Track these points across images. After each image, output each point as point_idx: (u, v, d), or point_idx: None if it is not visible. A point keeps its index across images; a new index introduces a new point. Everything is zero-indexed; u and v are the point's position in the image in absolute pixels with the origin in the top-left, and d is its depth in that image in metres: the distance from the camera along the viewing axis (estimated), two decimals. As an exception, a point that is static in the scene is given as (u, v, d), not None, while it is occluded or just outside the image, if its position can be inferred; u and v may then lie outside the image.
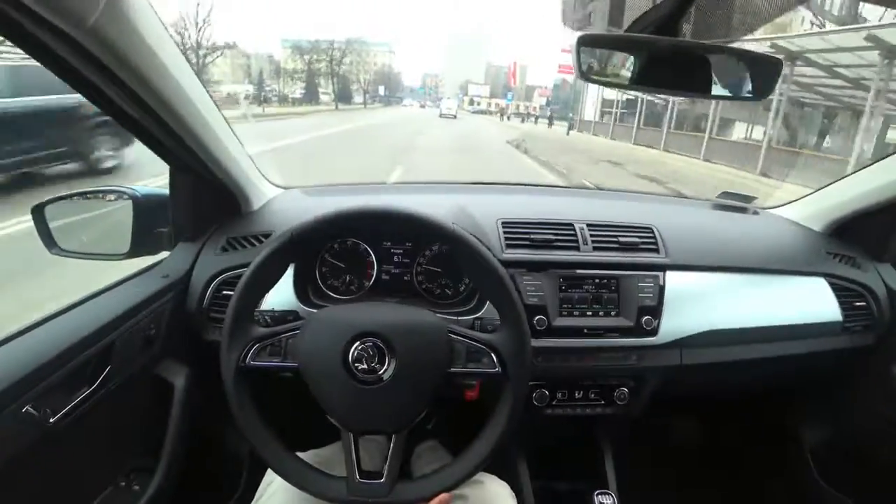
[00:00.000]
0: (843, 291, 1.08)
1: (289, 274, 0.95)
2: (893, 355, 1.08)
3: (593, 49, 0.63)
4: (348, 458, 0.67)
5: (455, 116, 41.01)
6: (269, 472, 0.84)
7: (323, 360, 0.65)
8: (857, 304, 1.09)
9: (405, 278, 1.02)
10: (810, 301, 1.07)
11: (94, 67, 0.62)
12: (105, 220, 1.09)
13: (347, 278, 1.02)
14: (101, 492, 0.85)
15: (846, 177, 1.17)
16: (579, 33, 0.61)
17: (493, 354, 0.68)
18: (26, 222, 1.05)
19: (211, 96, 0.87)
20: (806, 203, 1.25)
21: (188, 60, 0.78)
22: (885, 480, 1.09)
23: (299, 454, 0.84)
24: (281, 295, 0.93)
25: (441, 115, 40.31)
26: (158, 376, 0.92)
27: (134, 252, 1.00)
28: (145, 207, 0.98)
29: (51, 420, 0.69)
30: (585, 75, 0.62)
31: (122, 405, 0.86)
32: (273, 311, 0.90)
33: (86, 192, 1.06)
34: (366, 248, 1.01)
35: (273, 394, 0.78)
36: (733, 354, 1.02)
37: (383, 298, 0.98)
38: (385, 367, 0.65)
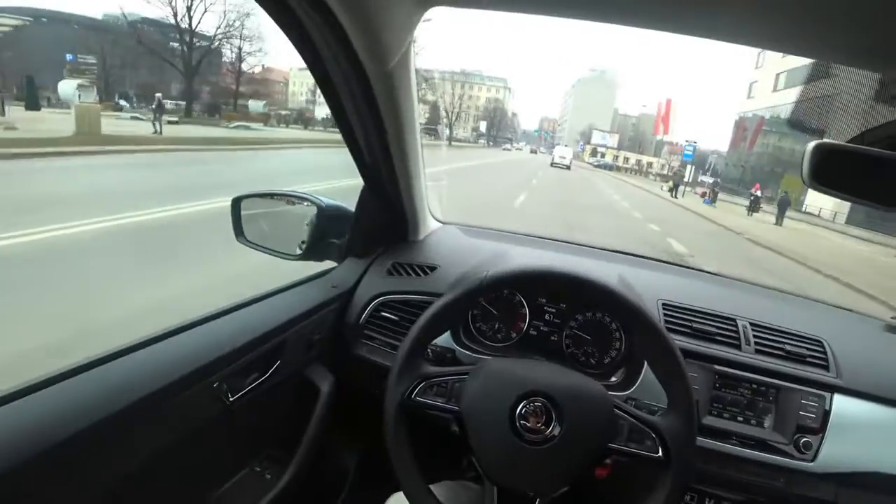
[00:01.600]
0: None
1: None
2: None
3: (827, 157, 0.62)
4: None
5: (569, 167, 36.20)
6: (392, 498, 0.86)
7: (489, 412, 0.66)
8: None
9: (553, 338, 1.01)
10: None
11: (362, 94, 0.72)
12: (284, 221, 1.24)
13: (497, 326, 1.02)
14: (240, 471, 0.93)
15: None
16: (815, 140, 0.61)
17: (656, 438, 0.66)
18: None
19: (420, 131, 0.98)
20: None
21: None
22: None
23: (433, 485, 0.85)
24: None
25: (553, 164, 36.06)
26: (308, 378, 1.00)
27: (306, 255, 1.11)
28: (327, 217, 1.09)
29: (230, 398, 0.78)
30: (814, 182, 0.62)
31: (277, 398, 0.94)
32: (436, 346, 0.94)
33: (279, 194, 1.21)
34: (521, 300, 1.01)
35: (421, 425, 0.81)
36: None
37: (529, 354, 0.98)
38: (550, 429, 0.64)
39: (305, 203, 1.14)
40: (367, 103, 0.76)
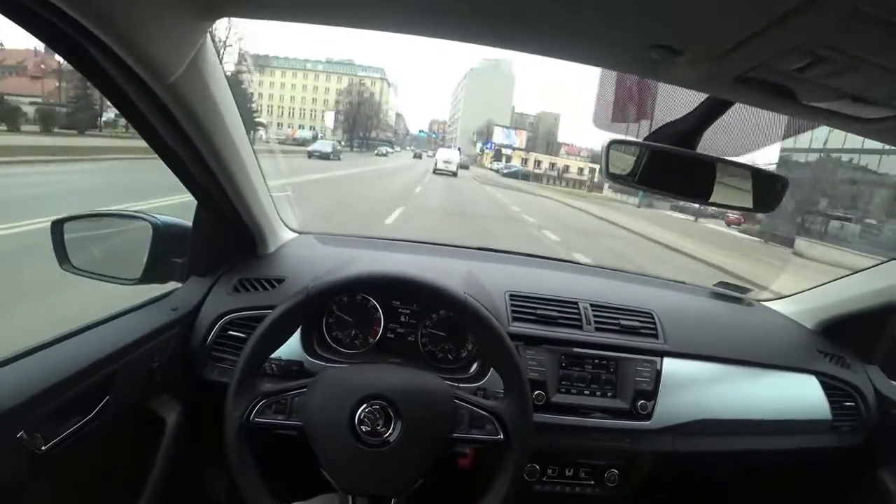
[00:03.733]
0: (833, 390, 1.11)
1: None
2: (881, 458, 1.10)
3: (620, 152, 0.68)
4: None
5: (455, 173, 26.86)
6: None
7: (329, 421, 0.66)
8: (846, 403, 1.11)
9: (409, 339, 1.02)
10: (801, 398, 1.09)
11: (150, 101, 0.65)
12: (118, 243, 1.11)
13: (353, 333, 1.02)
14: None
15: (841, 278, 1.22)
16: (610, 135, 0.67)
17: (496, 422, 0.70)
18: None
19: (251, 138, 0.92)
20: (799, 300, 1.29)
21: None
22: None
23: None
24: (287, 344, 0.93)
25: (436, 171, 26.27)
26: (152, 410, 0.91)
27: (145, 279, 1.01)
28: (164, 236, 1.00)
29: (42, 448, 0.68)
30: (610, 174, 0.68)
31: (112, 437, 0.84)
32: (280, 360, 0.91)
33: (106, 214, 1.08)
34: (375, 305, 1.02)
35: (266, 444, 0.78)
36: (724, 445, 1.03)
37: (386, 357, 0.99)
38: (390, 430, 0.65)
39: (139, 222, 1.03)
40: (163, 116, 0.69)
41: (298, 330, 0.95)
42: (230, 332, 0.96)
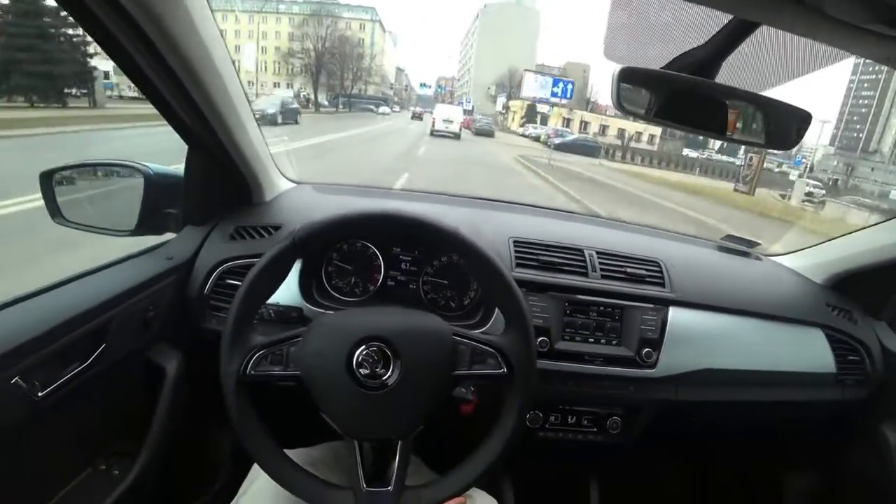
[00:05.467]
0: (839, 344, 1.10)
1: (295, 270, 0.94)
2: (884, 413, 1.09)
3: (632, 83, 0.64)
4: (354, 466, 0.65)
5: (458, 135, 21.63)
6: (255, 468, 0.82)
7: (326, 367, 0.64)
8: (851, 357, 1.10)
9: (411, 286, 1.01)
10: (806, 350, 1.08)
11: (134, 35, 0.62)
12: (114, 194, 1.08)
13: (353, 280, 1.01)
14: (78, 474, 0.82)
15: (851, 233, 1.19)
16: (619, 66, 0.63)
17: (498, 355, 0.68)
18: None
19: (241, 82, 0.87)
20: (808, 254, 1.27)
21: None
22: None
23: (289, 452, 0.82)
24: (286, 290, 0.92)
25: (433, 133, 21.18)
26: (151, 360, 0.90)
27: (140, 230, 0.99)
28: (157, 186, 0.97)
29: (39, 394, 0.68)
30: (622, 106, 0.63)
31: (112, 386, 0.84)
32: (278, 305, 0.89)
33: (98, 164, 1.05)
34: (374, 252, 1.00)
35: (267, 392, 0.77)
36: (728, 395, 1.03)
37: (387, 304, 0.98)
38: (390, 372, 0.64)
39: (130, 171, 1.00)
40: (148, 51, 0.65)
41: (297, 279, 0.94)
42: (228, 281, 0.95)
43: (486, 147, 21.02)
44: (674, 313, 1.00)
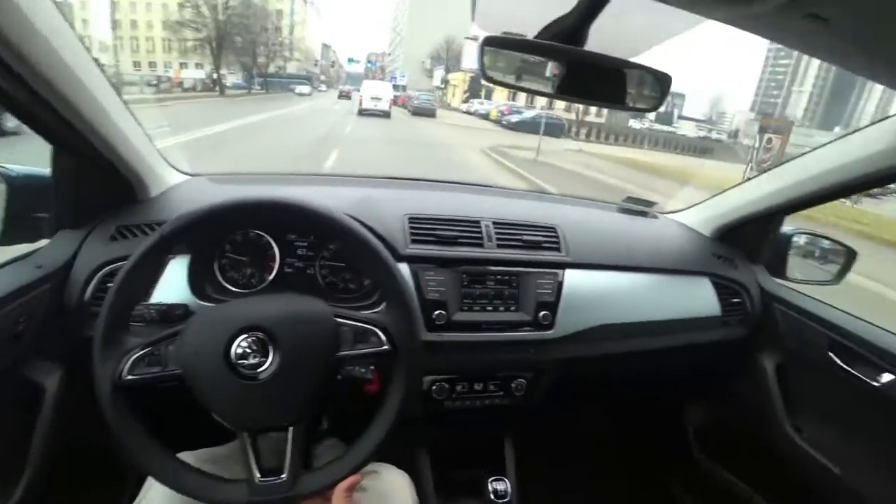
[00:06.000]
0: (723, 289, 1.21)
1: (183, 265, 0.89)
2: (762, 346, 1.23)
3: (498, 51, 0.65)
4: (246, 459, 0.65)
5: (388, 113, 20.85)
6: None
7: (205, 362, 0.62)
8: (734, 300, 1.22)
9: (308, 272, 0.99)
10: (695, 298, 1.18)
11: None
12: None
13: (249, 271, 0.97)
14: None
15: (733, 187, 1.30)
16: (486, 34, 0.63)
17: (379, 332, 0.69)
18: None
19: (103, 71, 0.79)
20: (698, 209, 1.37)
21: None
22: (753, 453, 1.23)
23: (190, 454, 0.79)
24: (172, 287, 0.87)
25: (362, 112, 20.27)
26: (27, 377, 0.83)
27: (7, 239, 0.89)
28: (22, 189, 0.87)
29: None
30: (488, 76, 0.64)
31: None
32: (161, 304, 0.83)
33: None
34: (268, 241, 0.97)
35: (157, 394, 0.74)
36: (625, 347, 1.11)
37: (284, 293, 0.96)
38: (269, 360, 0.63)
39: None
40: None
41: (186, 275, 0.89)
42: (111, 285, 0.87)
43: (430, 131, 17.67)
44: (569, 275, 1.04)
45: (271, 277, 0.98)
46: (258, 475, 0.64)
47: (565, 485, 1.48)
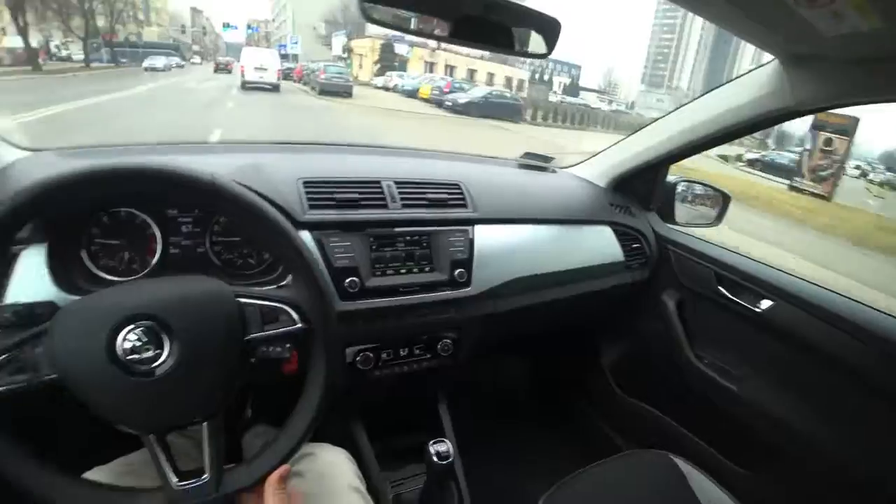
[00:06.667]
0: (623, 236, 1.29)
1: (41, 256, 0.75)
2: (663, 286, 1.34)
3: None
4: (158, 464, 0.56)
5: (277, 87, 18.64)
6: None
7: (85, 362, 0.52)
8: (634, 245, 1.31)
9: (199, 251, 0.88)
10: (599, 246, 1.25)
11: None
12: None
13: (127, 256, 0.84)
14: None
15: (623, 140, 1.38)
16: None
17: (289, 309, 0.63)
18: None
19: None
20: (593, 163, 1.44)
21: None
22: (664, 383, 1.35)
23: (101, 469, 0.70)
24: (31, 283, 0.72)
25: (245, 85, 18.10)
26: None
27: None
28: None
29: None
30: (368, 15, 0.59)
31: None
32: (16, 304, 0.70)
33: None
34: (144, 219, 0.84)
35: (41, 406, 0.62)
36: (539, 298, 1.14)
37: (173, 275, 0.84)
38: (165, 353, 0.55)
39: None
40: None
41: (46, 267, 0.74)
42: None
43: (351, 122, 12.50)
44: (479, 231, 1.04)
45: (155, 261, 0.85)
46: (175, 479, 0.56)
47: (503, 435, 1.54)
